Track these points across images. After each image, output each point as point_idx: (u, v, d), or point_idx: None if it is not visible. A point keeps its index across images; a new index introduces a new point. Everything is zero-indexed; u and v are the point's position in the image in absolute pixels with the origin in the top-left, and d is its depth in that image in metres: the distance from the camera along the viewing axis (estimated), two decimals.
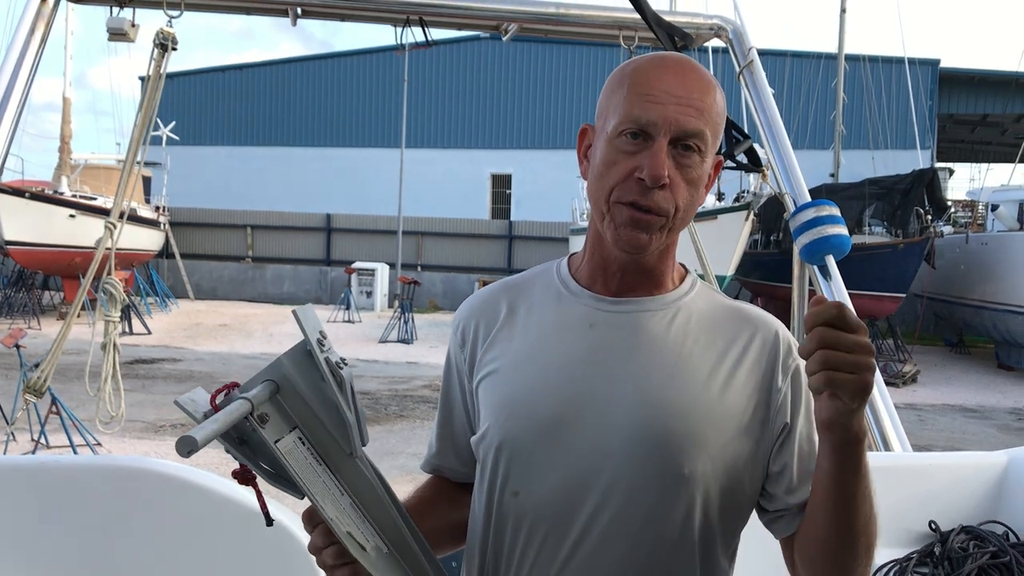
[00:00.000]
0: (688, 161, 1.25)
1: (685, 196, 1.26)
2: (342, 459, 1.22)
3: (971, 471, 2.69)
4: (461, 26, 4.07)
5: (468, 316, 1.47)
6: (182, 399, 1.16)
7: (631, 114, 1.25)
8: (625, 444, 1.25)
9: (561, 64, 31.76)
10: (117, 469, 2.20)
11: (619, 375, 1.28)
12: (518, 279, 1.50)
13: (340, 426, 1.20)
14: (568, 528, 1.26)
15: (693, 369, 1.29)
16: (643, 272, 1.34)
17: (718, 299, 1.40)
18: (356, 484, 1.24)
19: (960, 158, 38.26)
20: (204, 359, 14.98)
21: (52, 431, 8.15)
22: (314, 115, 33.74)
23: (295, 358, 1.19)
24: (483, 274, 27.37)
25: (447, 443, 1.52)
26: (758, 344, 1.33)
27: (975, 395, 14.54)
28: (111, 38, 3.57)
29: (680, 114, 1.23)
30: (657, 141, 1.23)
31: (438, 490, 1.53)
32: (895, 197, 18.46)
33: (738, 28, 3.97)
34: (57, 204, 19.17)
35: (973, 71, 29.51)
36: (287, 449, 1.16)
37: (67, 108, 21.75)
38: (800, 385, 1.32)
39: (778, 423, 1.31)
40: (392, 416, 10.69)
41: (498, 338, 1.40)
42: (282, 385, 1.18)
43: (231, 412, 1.10)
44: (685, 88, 1.25)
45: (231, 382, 1.19)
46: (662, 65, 1.28)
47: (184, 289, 27.12)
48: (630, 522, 1.25)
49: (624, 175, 1.25)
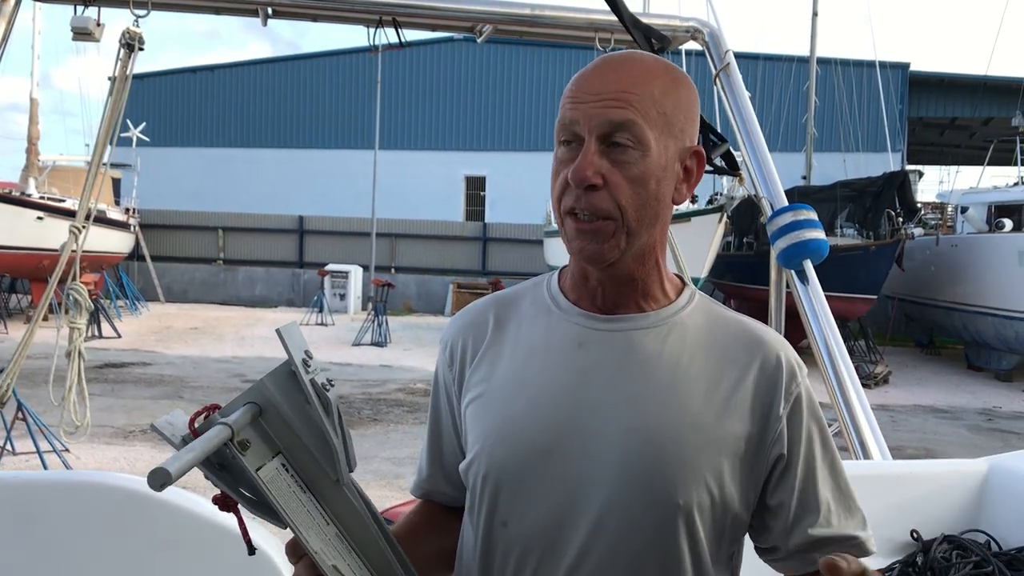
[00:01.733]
0: (624, 157, 1.18)
1: (628, 194, 1.18)
2: (328, 486, 1.16)
3: (952, 479, 2.67)
4: (435, 27, 4.01)
5: (456, 333, 1.39)
6: (159, 423, 1.08)
7: (560, 120, 1.22)
8: (615, 473, 1.19)
9: (536, 65, 31.74)
10: (78, 485, 2.11)
11: (609, 400, 1.22)
12: (508, 293, 1.43)
13: (326, 452, 1.14)
14: (559, 560, 1.21)
15: (687, 392, 1.22)
16: (624, 283, 1.27)
17: (719, 313, 1.32)
18: (342, 513, 1.18)
19: (930, 161, 38.66)
20: (175, 363, 14.79)
21: (18, 437, 8.00)
22: (286, 117, 33.49)
23: (279, 380, 1.12)
24: (458, 276, 27.32)
25: (436, 467, 1.45)
26: (758, 366, 1.25)
27: (946, 396, 14.67)
28: (75, 38, 3.48)
29: (602, 108, 1.17)
30: (585, 142, 1.18)
31: (428, 516, 1.46)
32: (866, 199, 18.61)
33: (715, 31, 3.95)
34: (25, 206, 18.88)
35: (942, 75, 29.83)
36: (269, 478, 1.10)
37: (34, 109, 21.47)
38: (802, 415, 1.25)
39: (773, 453, 1.24)
40: (366, 420, 10.60)
41: (486, 358, 1.33)
42: (265, 408, 1.12)
43: (209, 440, 1.03)
44: (609, 83, 1.19)
45: (211, 404, 1.12)
46: (595, 66, 1.23)
47: (155, 292, 26.84)
48: (623, 553, 1.19)
49: (563, 184, 1.21)
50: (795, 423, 1.25)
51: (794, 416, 1.25)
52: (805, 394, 1.26)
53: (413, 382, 13.63)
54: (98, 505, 2.12)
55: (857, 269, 16.48)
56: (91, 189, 3.58)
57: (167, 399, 11.30)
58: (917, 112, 30.05)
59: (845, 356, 3.45)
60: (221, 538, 2.10)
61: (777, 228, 3.61)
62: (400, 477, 7.96)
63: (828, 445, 1.29)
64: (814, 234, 3.57)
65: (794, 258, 3.61)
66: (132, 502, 2.12)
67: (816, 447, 1.27)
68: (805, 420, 1.25)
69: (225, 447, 1.05)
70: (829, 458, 1.28)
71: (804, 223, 3.58)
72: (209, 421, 1.08)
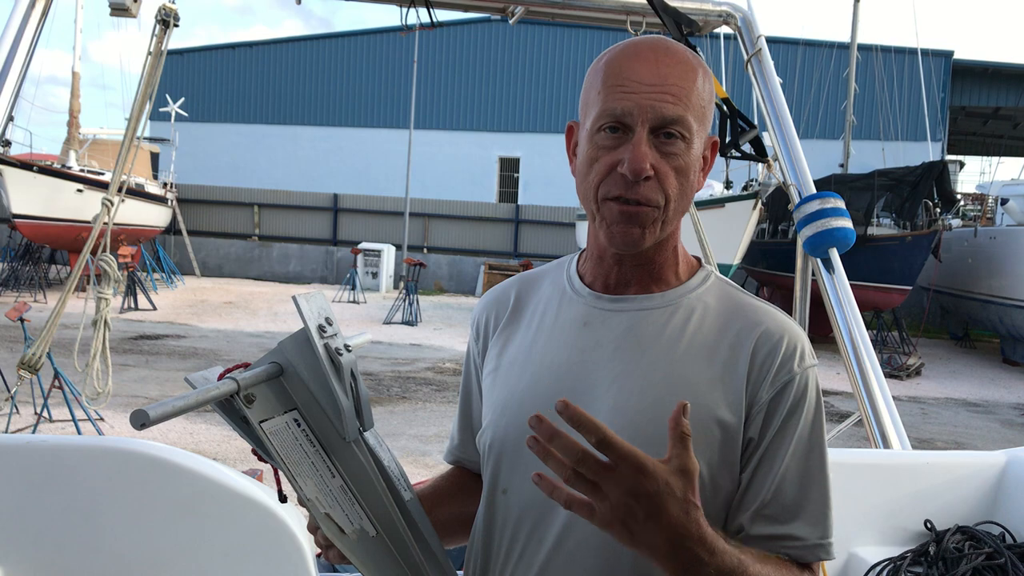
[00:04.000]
0: (673, 149, 1.20)
1: (674, 185, 1.21)
2: (338, 442, 1.23)
3: (969, 470, 2.66)
4: (466, 7, 4.02)
5: (482, 310, 1.49)
6: (194, 376, 1.17)
7: (607, 108, 1.20)
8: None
9: (572, 47, 31.59)
10: (106, 450, 2.18)
11: (603, 378, 1.25)
12: (534, 273, 1.50)
13: (336, 411, 1.21)
14: (547, 530, 1.25)
15: (679, 373, 1.23)
16: (640, 265, 1.30)
17: (734, 296, 1.31)
18: (350, 468, 1.25)
19: (971, 151, 38.03)
20: (209, 336, 15.00)
21: (55, 405, 8.18)
22: (322, 94, 33.65)
23: (298, 343, 1.22)
24: (489, 257, 27.36)
25: (467, 434, 1.53)
26: (754, 346, 1.23)
27: (979, 389, 14.49)
28: (113, 13, 3.53)
29: (657, 101, 1.18)
30: (636, 132, 1.19)
31: (456, 480, 1.55)
32: (904, 189, 18.36)
33: (747, 16, 3.92)
34: (65, 178, 19.16)
35: (986, 63, 29.28)
36: (274, 430, 1.18)
37: (76, 82, 21.70)
38: (786, 403, 1.21)
39: (746, 436, 1.21)
40: (395, 398, 10.70)
41: (503, 334, 1.41)
42: (286, 368, 1.21)
43: (206, 391, 1.09)
44: (660, 74, 1.19)
45: (243, 362, 1.21)
46: (635, 53, 1.22)
47: (190, 266, 27.18)
48: None
49: (606, 170, 1.21)
50: (775, 410, 1.21)
51: (777, 402, 1.21)
52: (798, 383, 1.22)
53: (442, 361, 13.71)
54: (126, 470, 2.19)
55: (892, 259, 16.31)
56: (124, 163, 3.65)
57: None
58: (959, 101, 29.55)
59: (868, 346, 3.44)
60: (244, 505, 2.16)
61: (804, 216, 3.59)
62: (426, 455, 8.04)
63: (811, 441, 1.22)
64: (841, 222, 3.54)
65: (820, 246, 3.59)
66: (160, 468, 2.19)
67: (789, 439, 1.20)
68: (787, 409, 1.21)
69: (231, 400, 1.13)
70: (804, 453, 1.21)
71: (831, 211, 3.56)
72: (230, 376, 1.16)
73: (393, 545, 1.28)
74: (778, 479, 1.19)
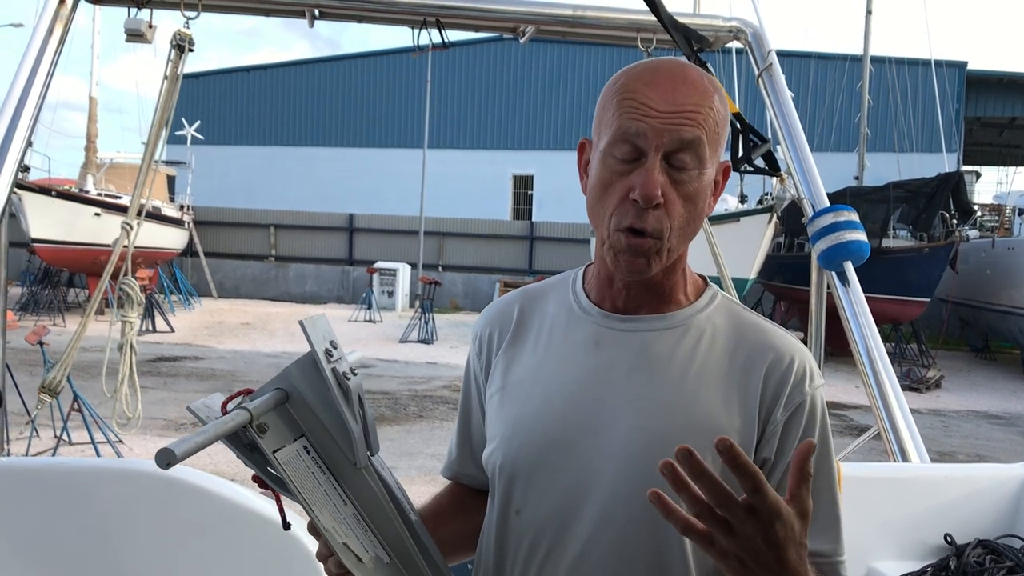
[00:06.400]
0: (684, 176, 1.20)
1: (680, 214, 1.21)
2: (347, 468, 1.21)
3: (989, 483, 2.64)
4: (478, 28, 4.04)
5: (485, 324, 1.47)
6: (195, 405, 1.17)
7: (621, 129, 1.20)
8: (621, 470, 1.22)
9: (584, 64, 31.70)
10: (125, 472, 2.20)
11: (618, 399, 1.25)
12: (538, 287, 1.49)
13: (345, 436, 1.19)
14: (564, 550, 1.25)
15: (693, 394, 1.24)
16: (649, 288, 1.30)
17: (740, 315, 1.33)
18: (361, 494, 1.23)
19: (987, 161, 37.82)
20: (226, 357, 15.06)
21: (75, 428, 8.23)
22: (337, 116, 33.88)
23: (304, 368, 1.19)
24: (504, 275, 27.38)
25: (466, 450, 1.52)
26: (766, 371, 1.25)
27: (1000, 402, 14.36)
28: (128, 39, 3.59)
29: (672, 125, 1.18)
30: (650, 158, 1.18)
31: (455, 498, 1.53)
32: (920, 200, 18.29)
33: (757, 31, 3.93)
34: (83, 203, 19.31)
35: (1001, 73, 29.16)
36: (286, 459, 1.15)
37: (93, 107, 21.95)
38: (800, 424, 1.24)
39: (761, 456, 1.23)
40: (411, 416, 10.70)
41: (509, 350, 1.39)
42: (291, 394, 1.19)
43: (224, 423, 1.09)
44: (676, 101, 1.18)
45: (244, 389, 1.19)
46: (652, 79, 1.21)
47: (208, 287, 27.32)
48: (624, 548, 1.22)
49: (620, 198, 1.21)
50: (791, 431, 1.23)
51: (791, 423, 1.24)
52: (809, 404, 1.25)
53: (459, 379, 13.66)
54: (145, 491, 2.21)
55: (910, 271, 16.22)
56: (142, 186, 3.69)
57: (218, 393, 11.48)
58: (974, 112, 29.41)
59: (885, 359, 3.42)
60: (259, 525, 2.17)
61: (818, 229, 3.58)
62: None
63: (823, 459, 1.24)
64: (855, 235, 3.53)
65: (835, 259, 3.58)
66: (178, 490, 2.20)
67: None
68: (802, 429, 1.24)
69: (244, 430, 1.11)
70: (818, 472, 1.19)
71: (845, 224, 3.55)
72: (236, 405, 1.14)
73: (406, 571, 1.27)
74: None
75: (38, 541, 2.15)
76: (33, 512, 2.15)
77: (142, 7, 3.58)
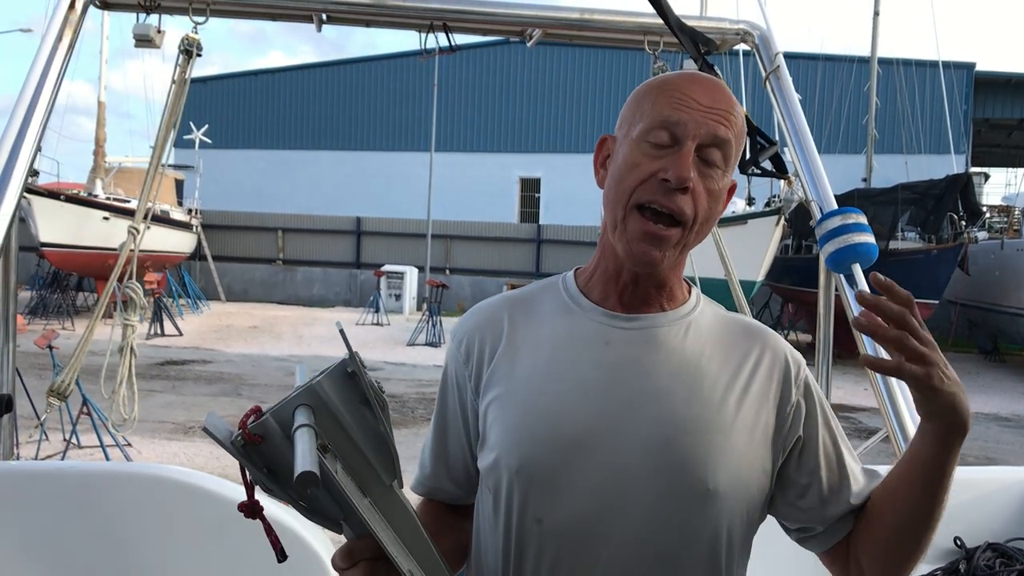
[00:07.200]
0: (711, 172, 1.25)
1: (705, 206, 1.25)
2: (380, 488, 1.13)
3: (999, 486, 2.63)
4: (485, 31, 4.04)
5: (472, 330, 1.40)
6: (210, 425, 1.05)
7: (662, 115, 1.24)
8: (649, 464, 1.22)
9: (591, 67, 31.71)
10: (134, 476, 2.20)
11: (639, 394, 1.25)
12: (520, 293, 1.45)
13: (382, 453, 1.11)
14: (596, 553, 1.22)
15: (711, 384, 1.27)
16: (656, 286, 1.32)
17: (720, 313, 1.40)
18: (394, 515, 1.15)
19: (996, 163, 37.72)
20: (234, 361, 15.09)
21: (84, 431, 8.25)
22: (344, 119, 33.96)
23: (335, 380, 1.08)
24: (512, 277, 27.37)
25: (441, 465, 1.45)
26: (769, 358, 1.33)
27: (1010, 404, 14.30)
28: (138, 44, 3.59)
29: (711, 120, 1.24)
30: (685, 145, 1.23)
31: (436, 516, 1.47)
32: (928, 202, 18.24)
33: (764, 34, 3.92)
34: (92, 207, 19.40)
35: (1010, 74, 29.08)
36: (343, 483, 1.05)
37: (102, 112, 22.05)
38: (814, 399, 1.33)
39: (791, 437, 1.30)
40: (419, 419, 10.71)
41: (504, 357, 1.34)
42: (317, 410, 1.06)
43: (311, 438, 0.99)
44: (715, 98, 1.26)
45: (255, 407, 1.08)
46: (692, 78, 1.29)
47: (216, 291, 27.39)
48: (660, 542, 1.22)
49: (647, 175, 1.24)
50: (810, 407, 1.32)
51: (808, 400, 1.33)
52: (810, 380, 1.35)
53: None
54: (155, 495, 2.21)
55: (918, 273, 16.16)
56: (149, 190, 3.70)
57: (226, 396, 11.54)
58: (983, 113, 29.34)
59: None
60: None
61: (825, 232, 3.56)
62: None
63: (835, 420, 1.37)
64: (863, 238, 3.51)
65: (843, 262, 3.56)
66: (188, 493, 2.21)
67: (832, 425, 1.34)
68: (817, 403, 1.33)
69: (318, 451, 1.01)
70: (840, 432, 1.36)
71: (853, 227, 3.53)
72: (263, 423, 1.04)
73: None
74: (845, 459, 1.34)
75: (48, 545, 2.16)
76: (43, 516, 2.16)
77: (151, 12, 3.59)
